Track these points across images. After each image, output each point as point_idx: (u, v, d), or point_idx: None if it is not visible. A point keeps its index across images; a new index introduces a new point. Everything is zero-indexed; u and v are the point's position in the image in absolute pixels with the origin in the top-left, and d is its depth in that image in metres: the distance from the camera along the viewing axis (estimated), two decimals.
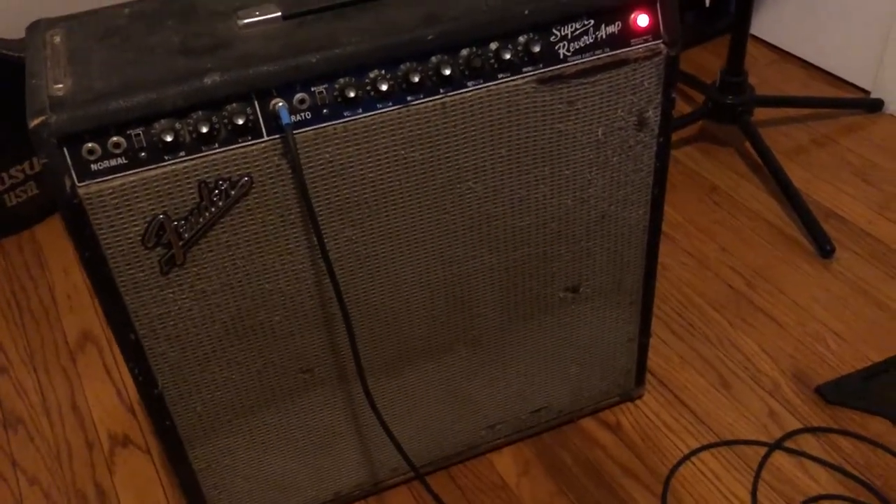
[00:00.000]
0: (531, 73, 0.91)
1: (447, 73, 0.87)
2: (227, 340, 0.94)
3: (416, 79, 0.86)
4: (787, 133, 1.80)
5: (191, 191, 0.83)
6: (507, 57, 0.88)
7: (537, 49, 0.89)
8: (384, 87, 0.85)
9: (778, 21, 2.02)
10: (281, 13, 0.88)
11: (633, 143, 1.00)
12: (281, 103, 0.82)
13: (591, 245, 1.07)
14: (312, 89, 0.84)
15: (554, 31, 0.90)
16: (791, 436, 1.21)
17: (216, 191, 0.84)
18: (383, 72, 0.85)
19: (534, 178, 0.98)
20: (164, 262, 0.86)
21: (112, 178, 0.80)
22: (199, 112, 0.81)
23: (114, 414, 1.35)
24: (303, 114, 0.84)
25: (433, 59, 0.87)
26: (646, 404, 1.28)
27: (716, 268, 1.50)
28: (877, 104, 1.83)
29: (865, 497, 1.13)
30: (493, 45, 0.88)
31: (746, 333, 1.37)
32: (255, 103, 0.82)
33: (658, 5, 0.93)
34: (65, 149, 0.78)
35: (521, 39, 0.89)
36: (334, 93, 0.84)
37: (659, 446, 1.22)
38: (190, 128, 0.81)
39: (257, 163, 0.84)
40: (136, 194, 0.81)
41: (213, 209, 0.85)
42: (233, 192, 0.85)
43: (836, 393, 1.26)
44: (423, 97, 0.88)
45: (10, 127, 1.58)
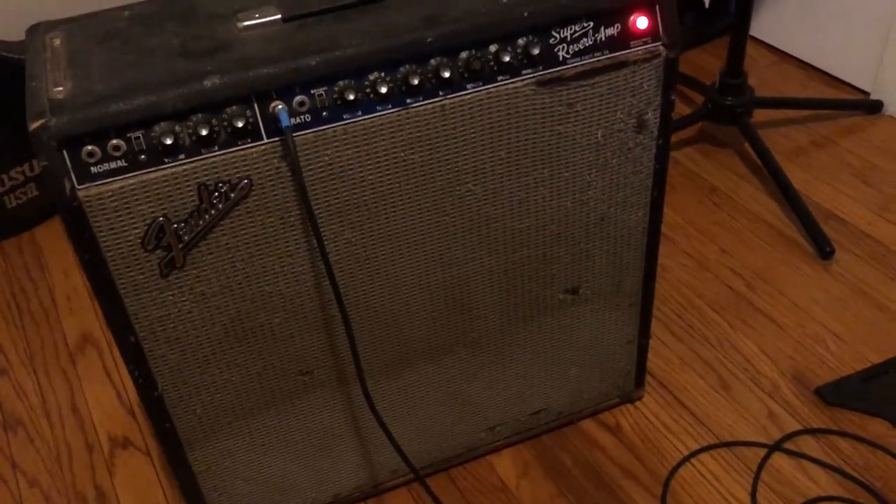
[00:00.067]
0: (530, 76, 0.91)
1: (446, 75, 0.87)
2: (226, 343, 0.94)
3: (416, 81, 0.86)
4: (787, 134, 1.80)
5: (190, 193, 0.83)
6: (507, 59, 0.89)
7: (537, 51, 0.89)
8: (384, 90, 0.85)
9: (777, 22, 2.02)
10: (281, 15, 0.88)
11: (633, 145, 1.00)
12: (280, 106, 0.82)
13: (590, 247, 1.07)
14: (312, 92, 0.84)
15: (553, 33, 0.90)
16: (790, 437, 1.21)
17: (216, 193, 0.84)
18: (383, 74, 0.85)
19: (533, 181, 0.98)
20: (164, 264, 0.86)
21: (112, 181, 0.80)
22: (199, 115, 0.81)
23: (114, 416, 1.35)
24: (302, 116, 0.84)
25: (433, 61, 0.87)
26: (645, 406, 1.28)
27: (715, 269, 1.50)
28: (876, 105, 1.82)
29: (865, 498, 1.13)
30: (493, 48, 0.88)
31: (746, 335, 1.37)
32: (255, 106, 0.82)
33: (657, 7, 0.93)
34: (65, 151, 0.78)
35: (520, 42, 0.89)
36: (334, 95, 0.84)
37: (658, 448, 1.22)
38: (190, 130, 0.81)
39: (257, 165, 0.84)
40: (136, 197, 0.81)
41: (213, 212, 0.85)
42: (232, 195, 0.85)
43: (836, 394, 1.26)
44: (423, 99, 0.88)
45: (10, 129, 1.58)
